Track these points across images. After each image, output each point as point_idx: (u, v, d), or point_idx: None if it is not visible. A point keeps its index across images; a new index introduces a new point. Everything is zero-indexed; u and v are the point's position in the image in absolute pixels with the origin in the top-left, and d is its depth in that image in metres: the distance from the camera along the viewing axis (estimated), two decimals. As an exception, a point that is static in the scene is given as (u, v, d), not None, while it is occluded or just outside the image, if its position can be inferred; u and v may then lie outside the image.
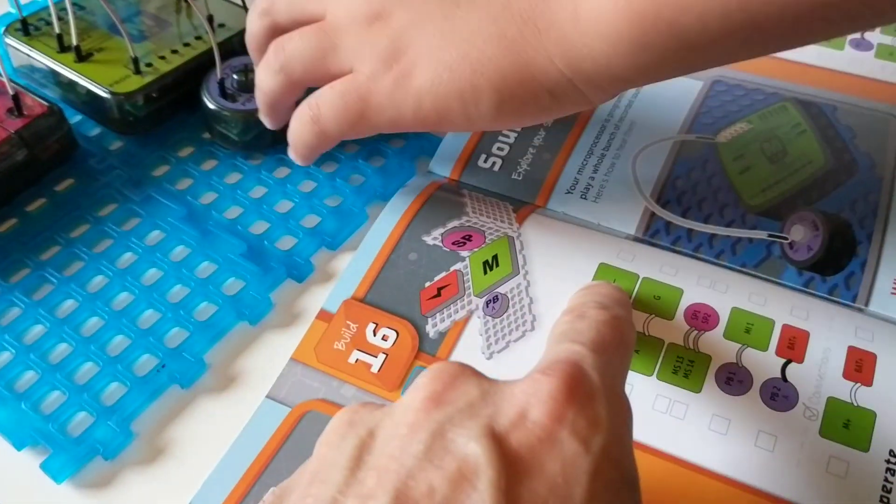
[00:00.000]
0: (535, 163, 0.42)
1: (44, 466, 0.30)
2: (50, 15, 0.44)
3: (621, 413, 0.24)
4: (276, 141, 0.42)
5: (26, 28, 0.45)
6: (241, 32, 0.42)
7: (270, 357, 0.34)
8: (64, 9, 0.43)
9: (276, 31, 0.37)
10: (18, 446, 0.31)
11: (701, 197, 0.40)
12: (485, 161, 0.42)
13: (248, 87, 0.42)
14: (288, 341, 0.35)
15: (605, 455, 0.22)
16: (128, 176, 0.41)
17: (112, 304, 0.36)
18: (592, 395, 0.23)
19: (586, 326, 0.26)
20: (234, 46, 0.44)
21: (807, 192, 0.40)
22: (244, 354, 0.35)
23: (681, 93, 0.45)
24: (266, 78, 0.37)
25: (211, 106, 0.42)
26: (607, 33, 0.30)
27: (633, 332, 0.28)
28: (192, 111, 0.44)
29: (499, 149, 0.42)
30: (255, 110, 0.40)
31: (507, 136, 0.43)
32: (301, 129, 0.36)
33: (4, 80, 0.39)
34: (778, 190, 0.40)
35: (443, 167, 0.42)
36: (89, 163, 0.42)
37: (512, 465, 0.21)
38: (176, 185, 0.41)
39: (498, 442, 0.21)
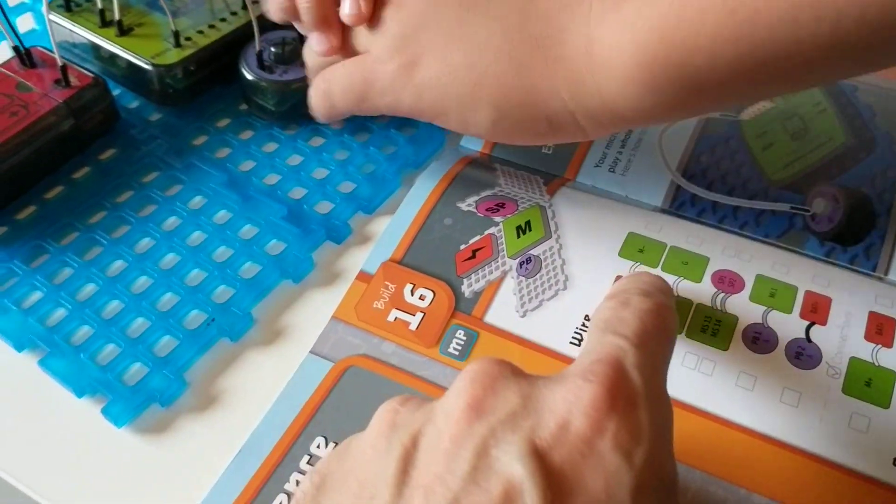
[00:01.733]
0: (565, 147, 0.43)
1: (104, 412, 0.32)
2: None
3: (663, 414, 0.24)
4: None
5: (68, 4, 0.46)
6: None
7: (312, 314, 0.36)
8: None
9: None
10: (79, 394, 0.32)
11: (725, 171, 0.41)
12: None
13: (284, 59, 0.43)
14: (329, 300, 0.36)
15: (648, 466, 0.22)
16: (168, 145, 0.43)
17: (160, 264, 0.37)
18: (635, 402, 0.23)
19: (630, 315, 0.26)
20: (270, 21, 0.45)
21: (827, 168, 0.41)
22: (288, 311, 0.36)
23: None
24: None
25: (249, 77, 0.43)
26: (618, 75, 0.30)
27: (676, 321, 0.28)
28: (227, 83, 0.45)
29: None
30: (291, 81, 0.42)
31: None
32: (315, 100, 0.38)
33: (54, 52, 0.40)
34: (799, 166, 0.41)
35: (474, 141, 0.43)
36: (131, 133, 0.43)
37: (556, 485, 0.21)
38: (215, 153, 0.43)
39: (541, 460, 0.21)
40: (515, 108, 0.33)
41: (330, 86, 0.37)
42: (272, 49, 0.43)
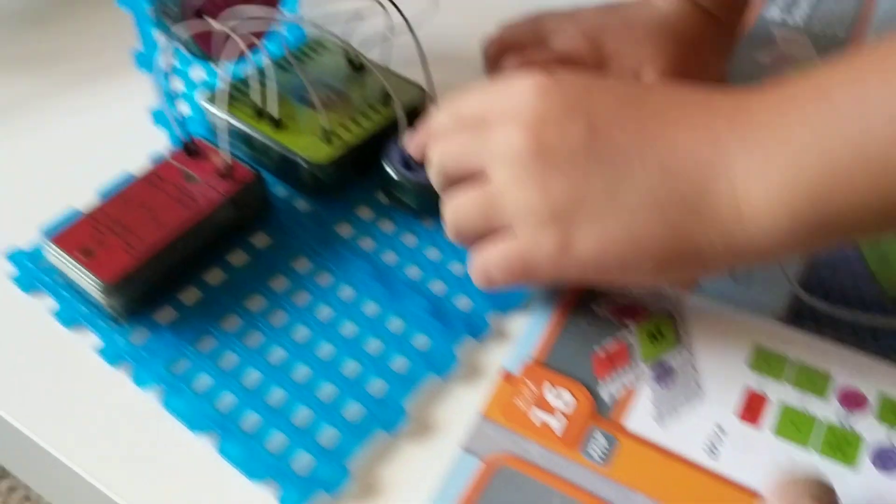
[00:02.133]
0: None
1: (282, 501, 0.35)
2: (244, 84, 0.50)
3: None
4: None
5: (223, 96, 0.50)
6: (415, 107, 0.49)
7: (457, 408, 0.39)
8: (260, 81, 0.49)
9: (448, 178, 0.41)
10: (253, 478, 0.36)
11: (842, 284, 0.43)
12: None
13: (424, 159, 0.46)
14: (471, 395, 0.39)
15: None
16: (317, 234, 0.46)
17: (318, 354, 0.41)
18: None
19: None
20: (409, 119, 0.49)
21: None
22: (434, 405, 0.39)
23: None
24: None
25: (393, 175, 0.46)
26: (770, 229, 0.33)
27: None
28: (370, 176, 0.49)
29: None
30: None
31: None
32: (475, 276, 0.40)
33: (222, 150, 0.44)
34: None
35: None
36: (282, 221, 0.47)
37: None
38: (360, 243, 0.46)
39: None
40: (676, 261, 0.35)
41: (487, 266, 0.39)
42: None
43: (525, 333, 0.41)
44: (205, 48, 0.47)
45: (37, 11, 0.64)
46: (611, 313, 0.42)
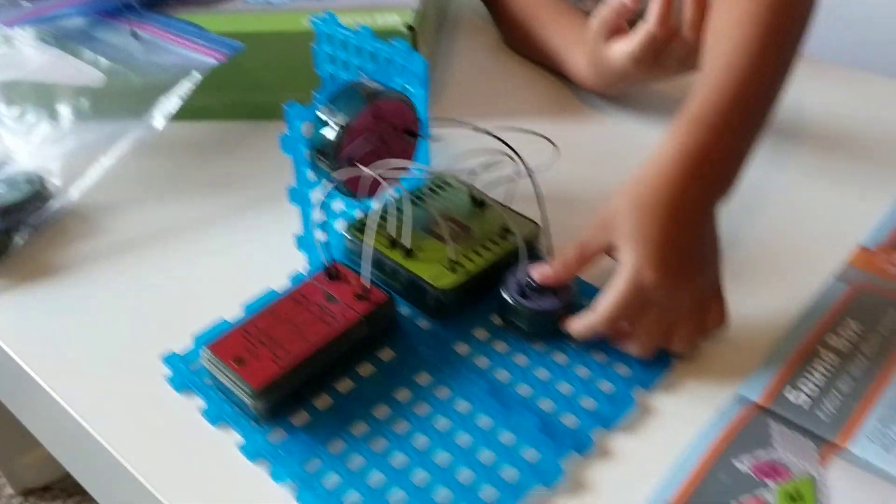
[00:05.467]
0: (842, 408, 0.46)
1: None
2: (382, 218, 0.57)
3: None
4: (556, 333, 0.51)
5: (362, 226, 0.57)
6: (530, 239, 0.55)
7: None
8: (393, 214, 0.55)
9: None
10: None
11: None
12: (792, 394, 0.48)
13: (539, 289, 0.51)
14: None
15: None
16: (437, 352, 0.51)
17: (436, 460, 0.45)
18: None
19: None
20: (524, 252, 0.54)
21: None
22: (541, 516, 0.43)
23: None
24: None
25: (510, 302, 0.51)
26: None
27: None
28: (482, 300, 0.54)
29: (806, 385, 0.48)
30: (545, 311, 0.50)
31: (814, 376, 0.49)
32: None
33: (364, 278, 0.51)
34: None
35: (752, 392, 0.48)
36: (406, 338, 0.53)
37: None
38: (476, 361, 0.51)
39: None
40: None
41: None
42: (529, 279, 0.52)
43: (666, 479, 0.44)
44: (351, 187, 0.54)
45: (222, 142, 0.73)
46: (752, 471, 0.44)
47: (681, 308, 0.49)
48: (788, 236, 0.61)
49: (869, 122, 0.73)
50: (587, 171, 0.66)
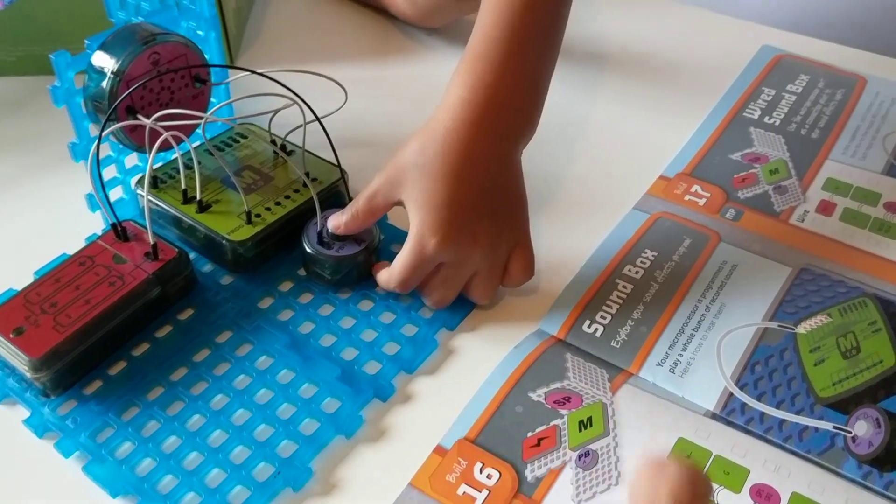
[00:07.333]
0: (633, 334, 0.48)
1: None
2: (173, 169, 0.54)
3: None
4: (361, 279, 0.50)
5: (155, 182, 0.54)
6: (332, 186, 0.53)
7: (361, 468, 0.42)
8: (188, 166, 0.52)
9: None
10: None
11: (776, 383, 0.45)
12: (588, 326, 0.49)
13: (339, 236, 0.50)
14: (376, 456, 0.42)
15: None
16: (239, 308, 0.50)
17: (233, 419, 0.43)
18: None
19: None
20: (327, 199, 0.53)
21: (874, 390, 0.44)
22: (341, 465, 0.42)
23: (770, 276, 0.51)
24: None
25: (310, 251, 0.50)
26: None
27: None
28: (288, 251, 0.52)
29: (601, 317, 0.49)
30: (346, 256, 0.49)
31: (610, 307, 0.50)
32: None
33: (148, 232, 0.48)
34: (847, 385, 0.44)
35: (551, 326, 0.49)
36: (206, 295, 0.51)
37: None
38: (279, 315, 0.49)
39: None
40: None
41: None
42: (329, 227, 0.50)
43: (463, 413, 0.44)
44: (137, 140, 0.51)
45: (15, 99, 0.67)
46: (546, 401, 0.45)
47: (472, 264, 0.48)
48: (595, 170, 0.61)
49: (675, 48, 0.74)
50: (410, 109, 0.64)
